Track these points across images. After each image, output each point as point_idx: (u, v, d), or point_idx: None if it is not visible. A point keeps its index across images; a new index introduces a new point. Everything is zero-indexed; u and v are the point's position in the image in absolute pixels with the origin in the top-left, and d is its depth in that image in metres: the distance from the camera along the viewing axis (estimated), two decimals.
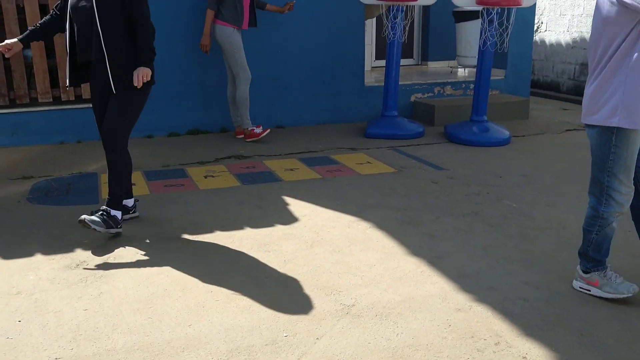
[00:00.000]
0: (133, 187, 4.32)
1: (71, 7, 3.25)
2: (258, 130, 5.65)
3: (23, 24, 5.29)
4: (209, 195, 4.18)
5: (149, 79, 3.25)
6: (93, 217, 3.26)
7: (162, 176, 4.66)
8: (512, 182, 4.50)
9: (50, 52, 5.53)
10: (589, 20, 8.30)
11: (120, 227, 3.38)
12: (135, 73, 3.21)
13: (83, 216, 3.25)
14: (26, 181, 4.44)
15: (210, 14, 5.35)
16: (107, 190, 3.42)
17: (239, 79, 5.51)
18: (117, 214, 3.38)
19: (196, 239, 3.40)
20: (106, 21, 3.18)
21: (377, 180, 4.56)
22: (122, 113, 3.32)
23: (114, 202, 3.39)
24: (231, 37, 5.39)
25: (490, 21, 5.58)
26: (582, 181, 4.51)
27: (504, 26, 5.69)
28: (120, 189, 3.41)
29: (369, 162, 5.08)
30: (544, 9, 9.10)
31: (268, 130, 5.69)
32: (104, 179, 4.54)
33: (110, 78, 3.25)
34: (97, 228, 3.24)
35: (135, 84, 3.19)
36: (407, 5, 5.91)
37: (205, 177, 4.64)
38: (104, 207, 3.38)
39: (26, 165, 4.88)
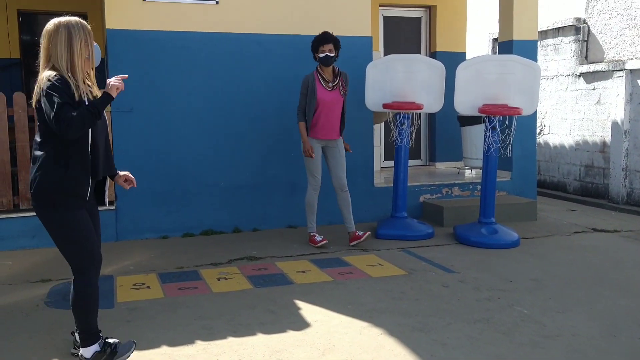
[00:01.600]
0: (148, 289, 4.46)
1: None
2: (318, 238, 5.69)
3: (31, 132, 5.62)
4: (222, 299, 4.24)
5: None
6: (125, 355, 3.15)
7: (176, 278, 4.74)
8: (523, 286, 4.53)
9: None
10: (591, 125, 8.62)
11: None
12: (125, 175, 3.27)
13: None
14: (45, 284, 4.54)
15: (301, 125, 5.57)
16: (121, 295, 3.46)
17: (308, 184, 5.71)
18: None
19: (208, 345, 3.43)
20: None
21: (388, 283, 4.61)
22: None
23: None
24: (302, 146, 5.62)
25: (493, 128, 5.84)
26: (591, 286, 4.54)
27: (506, 133, 5.93)
28: None
29: (379, 264, 5.15)
30: (546, 113, 9.46)
31: (325, 241, 5.69)
32: (120, 281, 4.65)
33: (106, 191, 3.20)
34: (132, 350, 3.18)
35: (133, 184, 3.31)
36: (413, 113, 6.22)
37: (219, 279, 4.72)
38: (111, 340, 3.18)
39: (45, 267, 5.00)
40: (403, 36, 8.79)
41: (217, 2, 6.09)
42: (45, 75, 2.84)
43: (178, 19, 5.99)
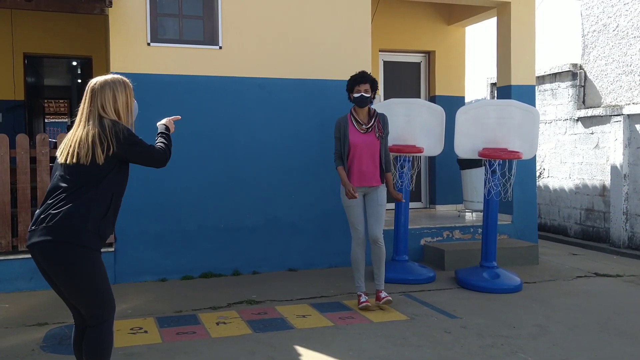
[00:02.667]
0: (145, 334, 4.38)
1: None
2: (362, 299, 5.07)
3: (33, 173, 5.64)
4: (221, 345, 4.17)
5: None
6: None
7: (174, 323, 4.67)
8: (526, 332, 4.46)
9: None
10: (590, 169, 8.66)
11: None
12: None
13: None
14: (41, 328, 4.47)
15: (339, 170, 5.11)
16: (118, 339, 3.38)
17: (351, 237, 5.17)
18: None
19: None
20: None
21: (390, 328, 4.54)
22: None
23: None
24: (341, 194, 5.15)
25: (493, 172, 5.86)
26: (596, 333, 4.47)
27: (507, 177, 5.95)
28: None
29: (381, 309, 5.08)
30: (545, 156, 9.52)
31: (365, 303, 5.03)
32: (117, 325, 4.55)
33: None
34: None
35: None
36: (413, 156, 6.25)
37: (218, 323, 4.65)
38: None
39: (42, 310, 4.93)
40: (403, 80, 8.92)
41: (220, 47, 6.21)
42: (112, 126, 2.84)
43: (182, 63, 6.09)
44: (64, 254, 2.72)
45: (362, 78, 5.10)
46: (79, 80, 11.62)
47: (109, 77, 3.00)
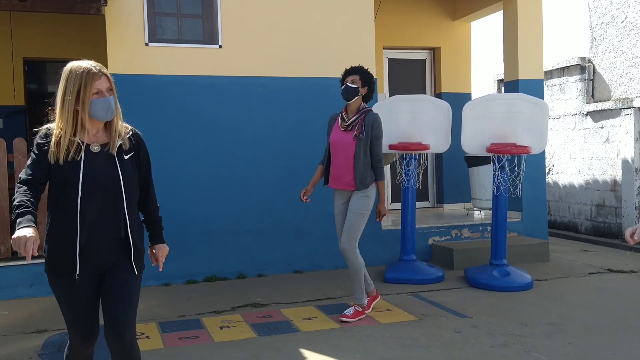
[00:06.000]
0: (147, 339, 4.27)
1: (88, 179, 2.55)
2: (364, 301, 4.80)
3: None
4: (224, 349, 4.05)
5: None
6: None
7: (177, 327, 4.56)
8: (539, 331, 4.31)
9: None
10: (600, 164, 8.48)
11: None
12: (158, 251, 2.84)
13: None
14: (40, 335, 4.36)
15: (318, 168, 4.94)
16: None
17: None
18: None
19: None
20: (130, 193, 2.65)
21: (398, 329, 4.41)
22: (138, 296, 2.71)
23: None
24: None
25: (502, 167, 5.72)
26: (612, 331, 4.32)
27: (516, 172, 5.81)
28: None
29: (388, 310, 4.95)
30: (554, 152, 9.35)
31: (363, 315, 4.72)
32: None
33: (132, 258, 2.65)
34: None
35: (158, 265, 2.82)
36: (419, 154, 6.12)
37: (221, 328, 4.53)
38: None
39: (41, 317, 4.83)
40: (408, 78, 8.78)
41: (220, 46, 6.10)
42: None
43: (182, 63, 5.99)
44: None
45: (352, 69, 4.75)
46: None
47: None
